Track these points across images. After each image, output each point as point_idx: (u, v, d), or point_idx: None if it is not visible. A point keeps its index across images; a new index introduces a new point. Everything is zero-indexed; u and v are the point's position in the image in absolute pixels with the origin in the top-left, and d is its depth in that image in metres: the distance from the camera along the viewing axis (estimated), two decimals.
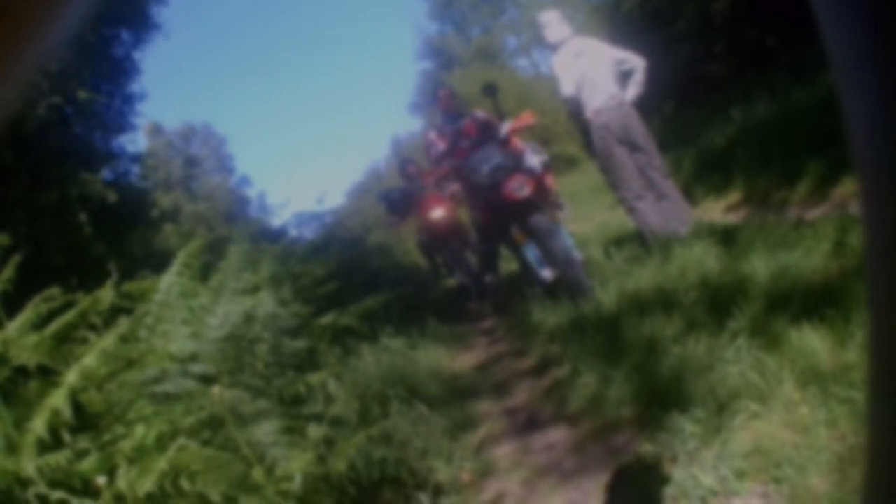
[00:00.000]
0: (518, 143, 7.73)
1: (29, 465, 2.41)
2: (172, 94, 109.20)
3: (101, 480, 2.52)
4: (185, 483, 2.59)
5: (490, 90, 7.44)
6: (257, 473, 2.90)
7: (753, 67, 13.58)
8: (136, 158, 15.39)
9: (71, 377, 2.75)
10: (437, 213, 10.30)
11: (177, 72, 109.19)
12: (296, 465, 3.01)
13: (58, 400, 2.62)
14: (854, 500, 2.26)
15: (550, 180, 8.97)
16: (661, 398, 3.62)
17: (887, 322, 0.40)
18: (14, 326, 3.29)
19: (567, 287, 6.37)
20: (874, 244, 0.40)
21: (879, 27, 0.36)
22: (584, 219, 12.95)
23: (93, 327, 3.72)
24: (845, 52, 0.39)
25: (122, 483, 2.50)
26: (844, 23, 0.38)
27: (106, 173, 13.93)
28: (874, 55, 0.36)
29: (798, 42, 12.05)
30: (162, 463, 2.49)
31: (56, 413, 2.61)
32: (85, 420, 2.87)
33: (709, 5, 14.57)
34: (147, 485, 2.43)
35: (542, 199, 7.21)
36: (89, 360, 2.86)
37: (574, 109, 7.30)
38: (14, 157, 10.51)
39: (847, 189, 6.55)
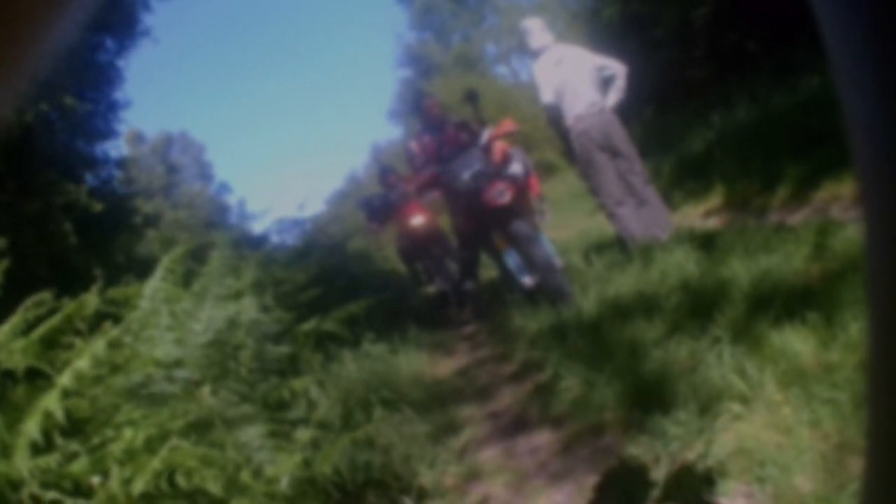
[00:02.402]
0: (505, 147, 7.74)
1: (22, 466, 2.40)
2: (149, 101, 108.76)
3: (95, 480, 2.52)
4: (181, 480, 2.60)
5: (472, 97, 7.43)
6: (245, 475, 2.91)
7: (734, 72, 13.58)
8: (120, 164, 15.28)
9: (64, 380, 2.75)
10: (417, 220, 10.31)
11: (154, 79, 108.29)
12: (283, 468, 3.01)
13: (51, 402, 2.62)
14: (838, 499, 2.28)
15: (537, 184, 9.01)
16: (643, 401, 3.64)
17: (887, 322, 0.40)
18: (3, 331, 3.29)
19: (547, 293, 6.38)
20: (874, 244, 0.40)
21: (879, 27, 0.36)
22: (564, 225, 12.96)
23: (78, 332, 3.71)
24: (845, 52, 0.39)
25: (115, 483, 2.50)
26: (844, 22, 0.38)
27: (89, 179, 13.86)
28: (874, 55, 0.37)
29: (779, 46, 12.08)
30: (155, 462, 2.49)
31: (48, 415, 2.61)
32: (72, 424, 2.87)
33: (689, 11, 14.61)
34: (141, 484, 2.43)
35: (522, 205, 7.22)
36: (82, 363, 2.86)
37: (554, 116, 7.32)
38: (2, 163, 10.46)
39: (828, 193, 6.59)
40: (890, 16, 0.35)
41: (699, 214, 9.11)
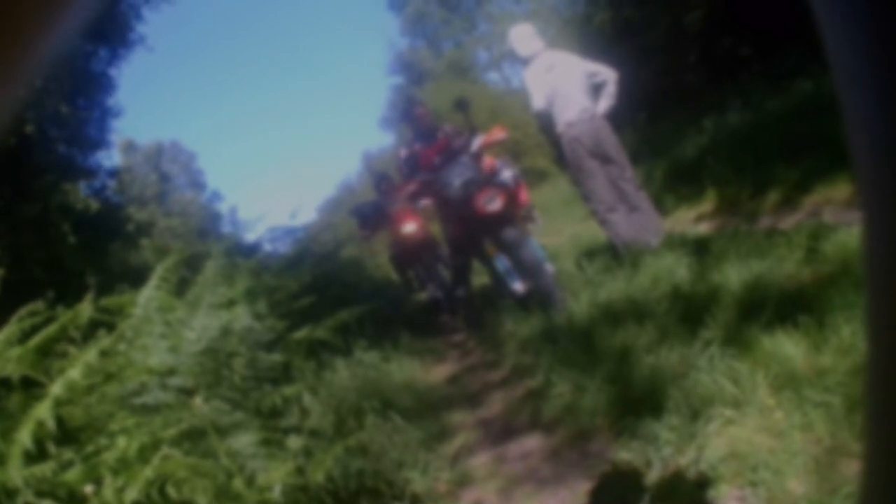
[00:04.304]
0: (493, 162, 7.74)
1: (16, 475, 2.41)
2: (140, 110, 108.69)
3: (88, 489, 2.52)
4: (171, 491, 2.60)
5: (462, 105, 7.43)
6: (238, 483, 2.91)
7: (727, 77, 13.60)
8: (113, 173, 15.26)
9: (56, 389, 2.75)
10: (409, 227, 10.31)
11: (144, 88, 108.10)
12: (275, 476, 3.01)
13: (43, 412, 2.62)
14: (831, 502, 2.29)
15: (524, 193, 9.01)
16: (635, 406, 3.64)
17: (886, 323, 0.40)
18: None
19: (539, 299, 6.39)
20: (873, 245, 0.40)
21: (879, 27, 0.36)
22: (555, 231, 12.98)
23: (72, 341, 3.71)
24: (844, 52, 0.39)
25: (108, 492, 2.50)
26: (844, 22, 0.38)
27: (83, 188, 13.85)
28: (874, 55, 0.37)
29: (772, 51, 12.12)
30: (148, 471, 2.49)
31: (41, 424, 2.61)
32: (66, 433, 2.87)
33: (681, 16, 14.63)
34: (133, 493, 2.43)
35: (513, 212, 7.23)
36: (74, 372, 2.86)
37: (545, 123, 7.33)
38: None
39: (819, 197, 6.61)
40: (890, 16, 0.35)
41: (691, 219, 9.12)
